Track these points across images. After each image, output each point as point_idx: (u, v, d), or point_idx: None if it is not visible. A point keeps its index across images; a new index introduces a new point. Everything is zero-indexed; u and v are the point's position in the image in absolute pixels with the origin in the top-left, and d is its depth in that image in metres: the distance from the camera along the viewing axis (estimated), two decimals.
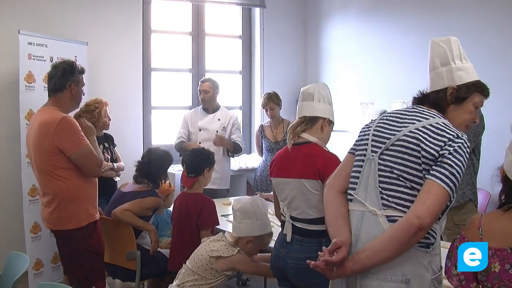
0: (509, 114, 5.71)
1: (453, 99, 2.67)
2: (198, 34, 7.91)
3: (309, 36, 8.46)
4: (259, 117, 8.09)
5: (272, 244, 3.79)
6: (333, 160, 3.18)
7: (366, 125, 2.78)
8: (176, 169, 6.56)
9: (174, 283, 3.89)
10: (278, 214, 3.66)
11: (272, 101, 6.66)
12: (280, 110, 6.77)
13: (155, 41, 7.63)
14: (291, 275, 3.45)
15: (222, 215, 4.67)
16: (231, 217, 4.54)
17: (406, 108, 2.74)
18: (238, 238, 3.87)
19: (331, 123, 3.55)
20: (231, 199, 5.87)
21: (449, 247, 2.48)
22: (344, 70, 7.86)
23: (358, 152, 2.69)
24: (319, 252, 2.54)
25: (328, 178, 2.91)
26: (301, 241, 3.40)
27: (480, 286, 2.30)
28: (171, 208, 5.26)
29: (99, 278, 4.31)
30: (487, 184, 5.38)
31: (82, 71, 4.32)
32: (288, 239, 3.44)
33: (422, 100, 2.73)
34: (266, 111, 6.76)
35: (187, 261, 3.93)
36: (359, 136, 2.76)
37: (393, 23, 7.08)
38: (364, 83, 7.49)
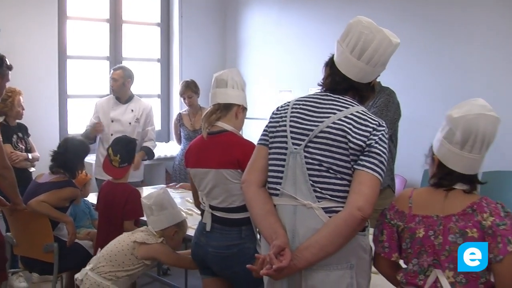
0: (424, 102, 5.87)
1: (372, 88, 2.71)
2: (115, 21, 7.75)
3: (228, 24, 8.44)
4: (178, 106, 8.01)
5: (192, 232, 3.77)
6: (251, 148, 3.11)
7: (274, 113, 2.73)
8: (92, 159, 6.41)
9: (87, 267, 3.81)
10: (198, 203, 3.64)
11: (190, 89, 6.61)
12: (198, 98, 6.73)
13: (71, 28, 7.42)
14: (212, 264, 3.44)
15: None
16: None
17: (317, 95, 2.69)
18: (162, 232, 3.83)
19: (245, 109, 3.53)
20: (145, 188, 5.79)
21: (378, 217, 2.61)
22: (263, 58, 7.88)
23: (274, 145, 2.64)
24: (257, 256, 2.53)
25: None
26: (221, 229, 3.39)
27: (401, 256, 2.51)
28: (88, 198, 5.17)
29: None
30: (404, 170, 5.57)
31: (10, 68, 4.24)
32: (208, 228, 3.42)
33: (336, 87, 2.65)
34: (184, 99, 6.71)
35: (103, 248, 3.86)
36: (269, 125, 2.72)
37: (311, 12, 7.15)
38: (283, 70, 7.53)
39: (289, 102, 2.72)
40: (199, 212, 3.70)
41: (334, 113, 2.53)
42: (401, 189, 5.63)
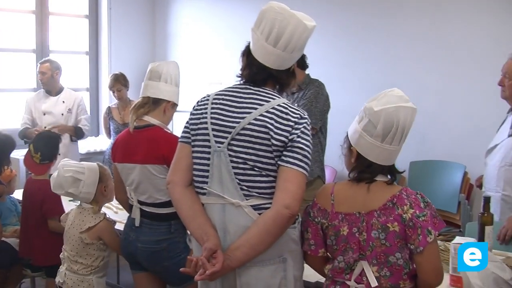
0: (353, 94, 5.95)
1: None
2: (41, 13, 7.57)
3: (157, 16, 8.36)
4: (107, 99, 7.89)
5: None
6: (177, 143, 3.08)
7: (195, 108, 2.67)
8: (20, 154, 6.26)
9: (63, 268, 3.77)
10: (121, 198, 3.60)
11: (119, 82, 6.51)
12: (128, 91, 6.64)
13: None
14: (142, 259, 3.40)
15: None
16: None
17: (236, 88, 2.64)
18: (95, 202, 3.74)
19: (174, 105, 3.48)
20: None
21: (303, 214, 2.61)
22: (193, 50, 7.85)
23: (197, 143, 2.59)
24: (190, 258, 2.49)
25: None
26: (150, 224, 3.35)
27: (328, 251, 2.52)
28: (14, 195, 5.04)
29: None
30: (334, 161, 5.62)
31: None
32: (137, 223, 3.37)
33: (254, 78, 2.60)
34: (113, 92, 6.60)
35: (65, 250, 3.78)
36: (190, 121, 2.65)
37: (241, 4, 7.14)
38: (213, 63, 7.52)
39: (208, 96, 2.65)
40: (120, 207, 3.64)
41: (255, 108, 2.49)
42: (331, 179, 5.71)
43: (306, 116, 2.53)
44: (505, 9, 5.43)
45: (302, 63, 4.55)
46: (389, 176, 2.47)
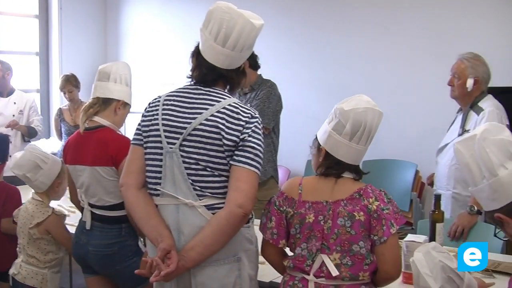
0: (305, 94, 5.99)
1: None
2: None
3: (109, 16, 8.27)
4: (58, 100, 7.76)
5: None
6: (126, 144, 2.95)
7: (147, 110, 2.65)
8: None
9: (19, 259, 3.74)
10: (75, 200, 3.55)
11: (70, 83, 6.44)
12: (79, 92, 6.57)
13: None
14: (93, 263, 3.35)
15: None
16: None
17: (187, 88, 2.63)
18: (46, 196, 3.72)
19: (126, 105, 3.44)
20: None
21: (265, 206, 2.60)
22: (146, 50, 7.79)
23: (149, 144, 2.57)
24: (144, 259, 2.47)
25: (122, 163, 2.85)
26: (101, 227, 3.31)
27: (288, 243, 2.54)
28: None
29: None
30: (287, 161, 5.66)
31: None
32: (88, 226, 3.33)
33: (204, 78, 2.59)
34: (64, 94, 6.52)
35: (19, 247, 3.75)
36: (142, 123, 2.62)
37: (193, 4, 7.12)
38: (167, 63, 7.47)
39: (159, 97, 2.64)
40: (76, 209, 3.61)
41: (206, 109, 2.49)
42: (285, 179, 5.73)
43: (257, 115, 2.54)
44: (456, 11, 5.52)
45: (254, 63, 4.55)
46: (355, 174, 2.53)
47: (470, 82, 3.87)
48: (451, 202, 3.95)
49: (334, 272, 2.40)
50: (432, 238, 3.14)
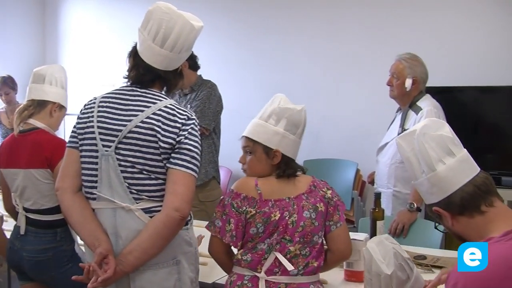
0: (245, 95, 6.00)
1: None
2: None
3: (47, 17, 8.12)
4: None
5: None
6: (61, 146, 2.90)
7: (82, 112, 2.60)
8: None
9: None
10: (7, 207, 3.47)
11: (7, 85, 6.35)
12: (16, 94, 6.46)
13: None
14: (27, 269, 3.26)
15: None
16: None
17: (123, 90, 2.59)
18: None
19: (62, 108, 3.39)
20: None
21: (217, 208, 2.56)
22: (86, 51, 7.68)
23: (85, 147, 2.51)
24: (81, 265, 2.42)
25: (57, 165, 2.79)
26: (35, 232, 3.23)
27: (246, 241, 2.50)
28: None
29: None
30: (229, 162, 5.64)
31: None
32: (22, 231, 3.25)
33: (141, 79, 2.56)
34: (1, 96, 6.42)
35: None
36: (77, 126, 2.57)
37: (135, 3, 7.05)
38: (107, 64, 7.38)
39: (95, 99, 2.59)
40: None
41: (142, 111, 2.45)
42: (227, 180, 5.73)
43: (194, 117, 2.52)
44: (395, 11, 5.61)
45: (193, 64, 4.53)
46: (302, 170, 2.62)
47: (408, 82, 3.94)
48: (391, 200, 4.01)
49: (289, 266, 2.42)
50: (373, 235, 3.17)
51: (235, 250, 2.58)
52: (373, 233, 3.21)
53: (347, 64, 5.81)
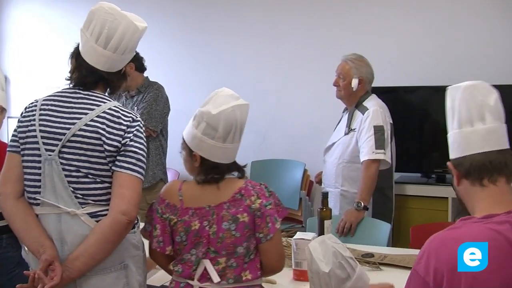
0: (193, 96, 5.97)
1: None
2: None
3: None
4: None
5: None
6: (2, 149, 2.83)
7: (23, 115, 2.53)
8: None
9: None
10: None
11: None
12: None
13: None
14: None
15: None
16: None
17: (65, 92, 2.53)
18: None
19: (3, 110, 3.29)
20: None
21: (147, 212, 2.54)
22: (30, 52, 7.53)
23: (27, 152, 2.44)
24: (26, 273, 2.34)
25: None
26: None
27: (174, 248, 2.47)
28: None
29: None
30: (176, 164, 5.61)
31: None
32: None
33: (84, 81, 2.50)
34: None
35: None
36: (19, 129, 2.50)
37: (80, 3, 6.97)
38: (51, 65, 7.26)
39: (36, 101, 2.53)
40: None
41: (86, 113, 2.40)
42: None
43: (139, 119, 2.49)
44: (339, 13, 5.66)
45: (140, 66, 4.51)
46: (235, 173, 2.50)
47: (355, 82, 3.99)
48: (339, 199, 4.05)
49: (216, 278, 2.39)
50: (321, 234, 3.19)
51: None
52: (321, 233, 3.23)
53: (293, 64, 5.83)
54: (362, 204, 3.75)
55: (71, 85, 2.55)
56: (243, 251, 2.40)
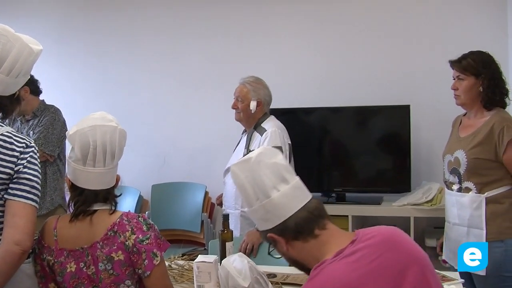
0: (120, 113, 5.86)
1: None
2: None
3: None
4: None
5: None
6: None
7: None
8: None
9: None
10: None
11: None
12: None
13: None
14: None
15: None
16: None
17: None
18: None
19: None
20: None
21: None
22: None
23: None
24: None
25: None
26: None
27: (59, 286, 2.39)
28: None
29: None
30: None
31: None
32: None
33: None
34: None
35: None
36: None
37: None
38: None
39: None
40: None
41: None
42: None
43: (33, 144, 2.42)
44: (236, 38, 5.72)
45: (35, 89, 4.41)
46: (107, 203, 2.39)
47: (253, 104, 4.04)
48: (239, 221, 4.05)
49: None
50: (223, 257, 3.19)
51: None
52: (222, 255, 3.23)
53: (192, 87, 5.84)
54: None
55: None
56: (130, 287, 2.35)
